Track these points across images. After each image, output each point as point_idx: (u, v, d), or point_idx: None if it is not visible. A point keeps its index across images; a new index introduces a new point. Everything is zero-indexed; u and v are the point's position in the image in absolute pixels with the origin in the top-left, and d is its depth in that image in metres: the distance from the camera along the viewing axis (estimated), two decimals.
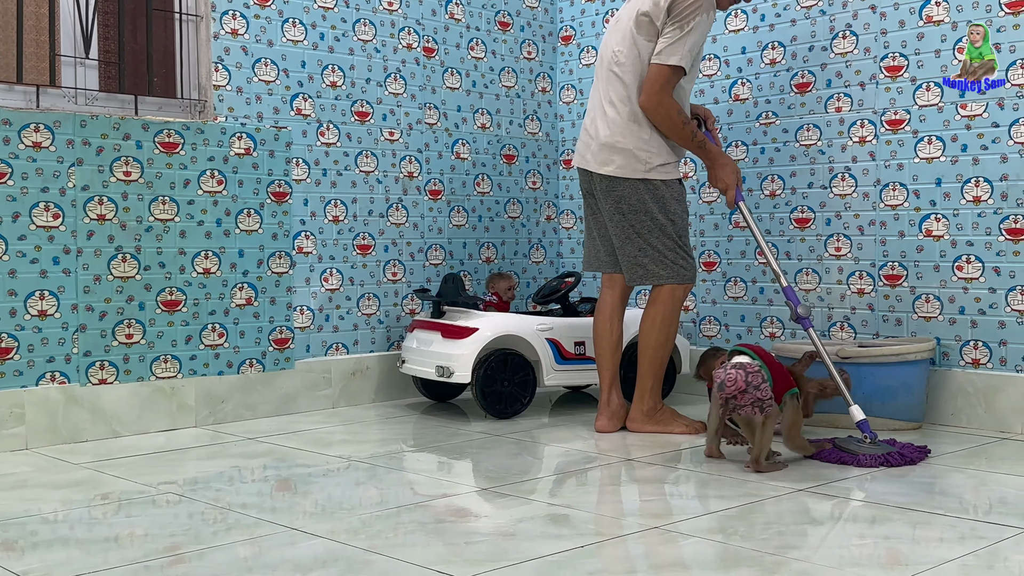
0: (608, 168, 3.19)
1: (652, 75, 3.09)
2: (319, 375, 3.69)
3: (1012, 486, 2.53)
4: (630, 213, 3.18)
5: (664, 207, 3.18)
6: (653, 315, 3.19)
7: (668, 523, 2.21)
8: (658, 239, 3.17)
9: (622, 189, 3.18)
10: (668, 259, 3.17)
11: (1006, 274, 3.17)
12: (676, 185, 3.22)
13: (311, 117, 3.70)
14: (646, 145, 3.16)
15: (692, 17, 3.06)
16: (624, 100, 3.17)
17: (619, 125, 3.17)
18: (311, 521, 2.29)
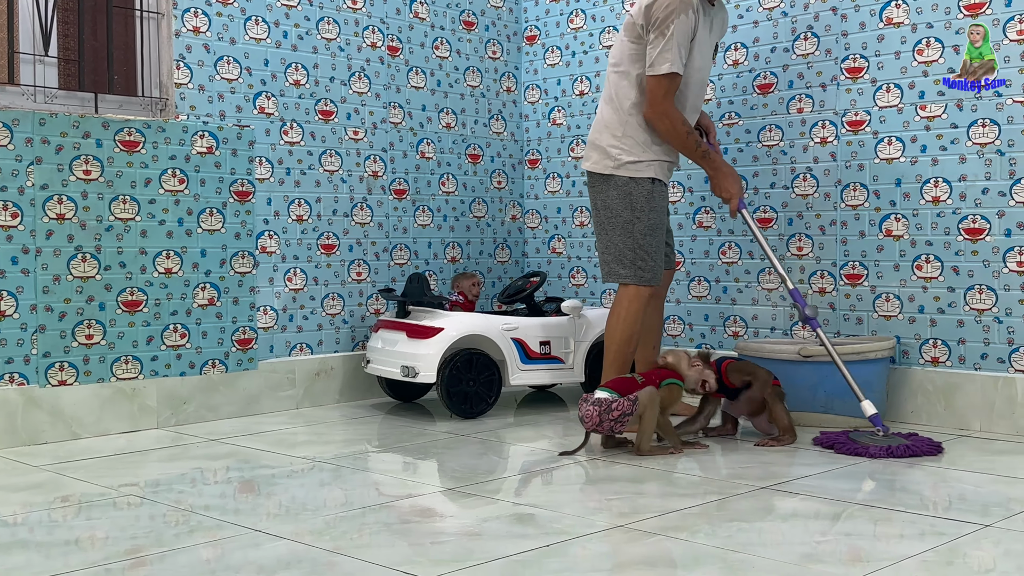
0: (587, 164, 3.29)
1: (650, 88, 3.13)
2: (283, 375, 3.66)
3: (971, 483, 2.57)
4: (601, 208, 3.24)
5: (630, 204, 3.19)
6: (616, 313, 3.22)
7: (633, 522, 2.22)
8: (620, 237, 3.19)
9: (595, 184, 3.26)
10: (628, 259, 3.19)
11: (964, 273, 3.21)
12: (647, 184, 3.21)
13: (274, 116, 3.68)
14: (618, 142, 3.20)
15: (669, 22, 3.08)
16: (608, 99, 3.26)
17: (599, 123, 3.28)
18: (275, 522, 2.27)
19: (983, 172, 3.16)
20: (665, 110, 3.10)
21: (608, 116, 3.24)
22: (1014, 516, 2.23)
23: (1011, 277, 3.11)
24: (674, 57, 3.08)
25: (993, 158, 3.14)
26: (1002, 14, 3.11)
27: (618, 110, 3.21)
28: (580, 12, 4.24)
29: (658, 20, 3.09)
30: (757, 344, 3.36)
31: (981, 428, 3.04)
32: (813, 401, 3.20)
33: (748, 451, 2.93)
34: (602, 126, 3.25)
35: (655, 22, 3.10)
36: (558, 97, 4.33)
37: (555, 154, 4.35)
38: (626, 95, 3.20)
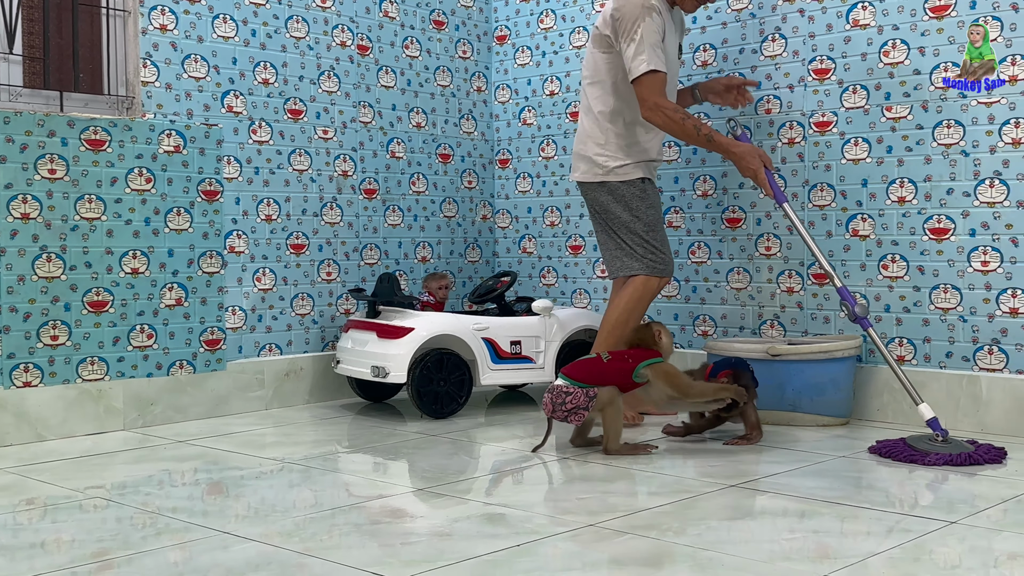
0: (576, 175, 3.43)
1: (638, 92, 3.21)
2: (252, 376, 3.64)
3: (937, 480, 2.60)
4: (600, 213, 3.38)
5: (627, 206, 3.32)
6: (620, 299, 3.33)
7: (603, 521, 2.23)
8: (627, 235, 3.32)
9: (590, 193, 3.39)
10: (638, 253, 3.31)
11: (930, 273, 3.25)
12: (638, 184, 3.34)
13: (243, 115, 3.65)
14: (602, 150, 3.33)
15: (635, 27, 3.18)
16: (587, 111, 3.39)
17: (582, 135, 3.40)
18: (243, 524, 2.26)
19: (948, 173, 3.20)
20: (656, 103, 3.18)
21: (588, 126, 3.37)
22: (979, 513, 2.26)
23: (975, 276, 3.15)
24: (649, 56, 3.16)
25: (958, 159, 3.18)
26: (967, 16, 3.15)
27: (596, 120, 3.34)
28: (550, 12, 4.24)
29: (625, 28, 3.20)
30: (725, 343, 3.38)
31: (947, 426, 3.07)
32: (781, 400, 3.22)
33: (717, 450, 2.94)
34: (584, 137, 3.38)
35: (623, 31, 3.21)
36: (528, 97, 4.33)
37: (526, 154, 4.35)
38: (603, 104, 3.33)
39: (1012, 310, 3.09)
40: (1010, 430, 3.06)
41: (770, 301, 3.60)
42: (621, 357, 2.92)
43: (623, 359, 2.91)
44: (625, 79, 3.26)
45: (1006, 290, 3.10)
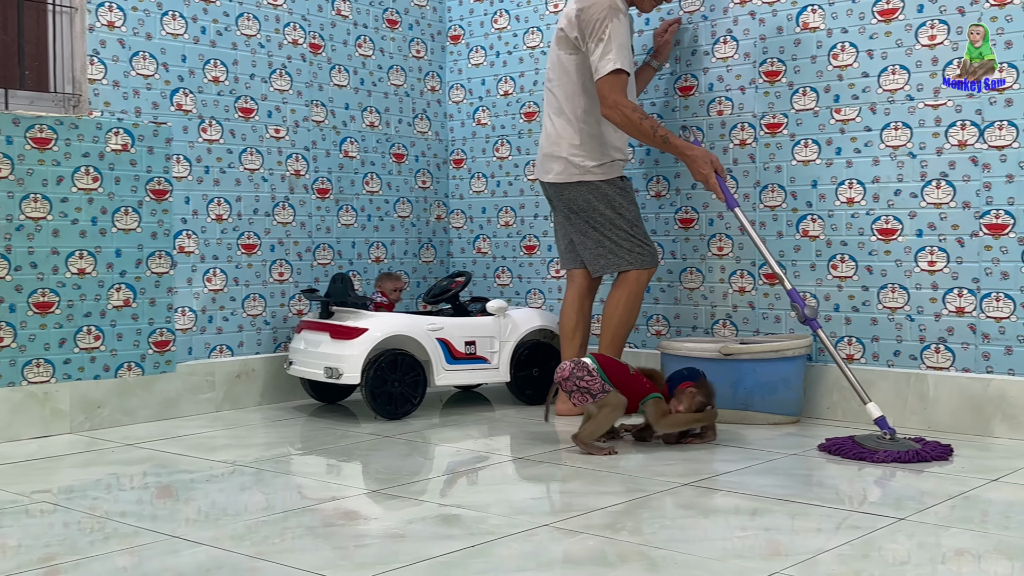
0: (550, 176, 3.46)
1: (600, 89, 3.26)
2: (202, 378, 3.60)
3: (885, 477, 2.64)
4: (581, 212, 3.41)
5: (609, 203, 3.39)
6: (617, 297, 3.39)
7: (558, 520, 2.23)
8: (611, 231, 3.38)
9: (568, 193, 3.42)
10: (625, 248, 3.38)
11: (878, 273, 3.30)
12: (617, 181, 3.43)
13: (192, 113, 3.61)
14: (578, 150, 3.38)
15: (603, 27, 3.23)
16: (557, 112, 3.42)
17: (553, 136, 3.43)
18: (194, 528, 2.23)
19: (895, 174, 3.25)
20: (615, 101, 3.23)
21: (562, 127, 3.41)
22: (927, 509, 2.29)
23: (922, 276, 3.21)
24: (616, 56, 3.22)
25: (905, 160, 3.23)
26: (914, 19, 3.20)
27: (570, 120, 3.39)
28: (504, 12, 4.24)
29: (593, 28, 3.25)
30: (678, 343, 3.40)
31: (894, 423, 3.11)
32: (733, 399, 3.25)
33: (671, 449, 2.96)
34: (556, 137, 3.42)
35: (591, 31, 3.26)
36: (483, 97, 4.33)
37: (480, 154, 4.35)
38: (574, 104, 3.39)
39: (958, 309, 3.14)
40: (956, 427, 3.12)
41: (722, 301, 3.63)
42: (642, 379, 2.95)
43: (643, 382, 2.95)
44: (592, 79, 3.29)
45: (952, 290, 3.15)
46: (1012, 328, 3.04)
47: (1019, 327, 3.03)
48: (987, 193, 3.08)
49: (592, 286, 3.55)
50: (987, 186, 3.08)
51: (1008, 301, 3.05)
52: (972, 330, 3.12)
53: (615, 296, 3.40)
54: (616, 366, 2.95)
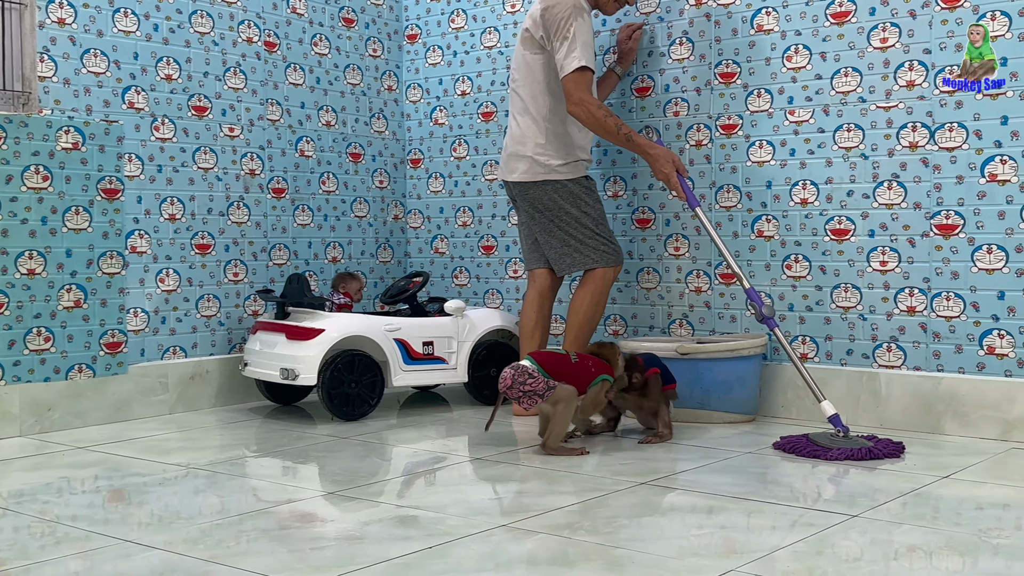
0: (515, 175, 3.46)
1: (565, 87, 3.28)
2: (155, 380, 3.55)
3: (838, 474, 2.67)
4: (546, 211, 3.42)
5: (575, 201, 3.40)
6: (582, 294, 3.40)
7: (516, 521, 2.23)
8: (576, 230, 3.40)
9: (533, 192, 3.43)
10: (591, 246, 3.39)
11: (831, 272, 3.34)
12: (582, 180, 3.45)
13: (144, 111, 3.56)
14: (543, 149, 3.40)
15: (568, 26, 3.26)
16: (522, 111, 3.44)
17: (518, 135, 3.45)
18: (147, 532, 2.20)
19: (848, 175, 3.29)
20: (581, 98, 3.25)
21: (527, 126, 3.42)
22: (879, 506, 2.32)
23: (874, 276, 3.25)
24: (580, 54, 3.24)
25: (857, 161, 3.28)
26: (866, 22, 3.25)
27: (536, 119, 3.41)
28: (461, 12, 4.24)
29: (558, 27, 3.27)
30: (636, 342, 3.42)
31: (848, 421, 3.16)
32: (690, 397, 3.27)
33: (629, 448, 2.98)
34: (521, 137, 3.43)
35: (555, 30, 3.28)
36: (440, 97, 4.32)
37: (438, 154, 4.33)
38: (540, 104, 3.40)
39: (909, 308, 3.19)
40: (908, 425, 3.16)
41: (679, 301, 3.65)
42: (586, 363, 2.95)
43: (587, 366, 2.94)
44: (558, 78, 3.31)
45: (903, 289, 3.20)
46: (962, 327, 3.10)
47: (969, 326, 3.08)
48: (938, 194, 3.13)
49: (553, 286, 3.56)
50: (937, 187, 3.13)
51: (958, 300, 3.10)
52: (923, 329, 3.17)
53: (580, 294, 3.41)
54: (556, 359, 2.93)
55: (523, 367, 2.87)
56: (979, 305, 3.07)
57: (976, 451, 2.87)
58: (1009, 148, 3.01)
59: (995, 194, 3.03)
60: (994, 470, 2.67)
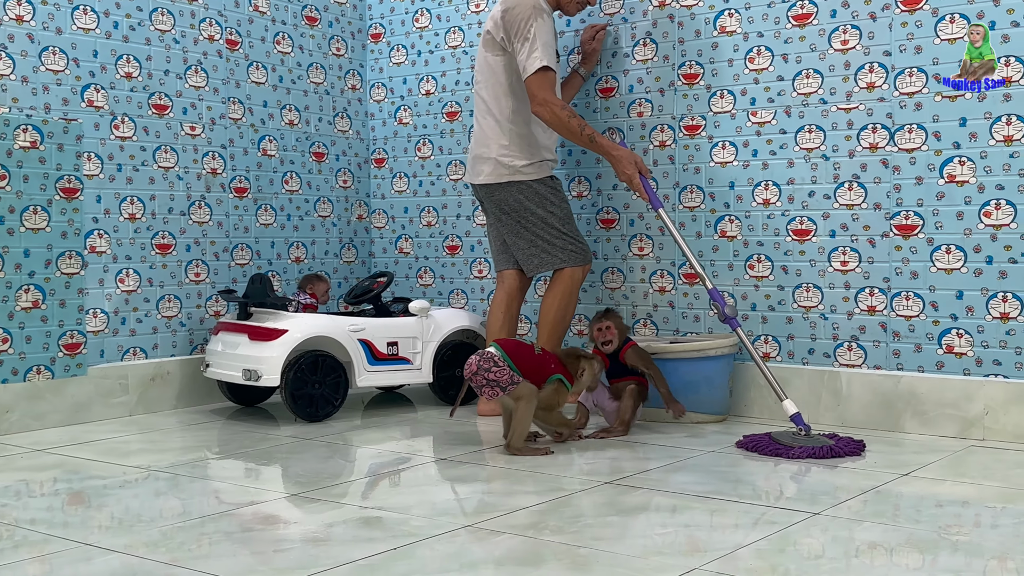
0: (480, 177, 3.45)
1: (529, 88, 3.28)
2: (115, 381, 3.51)
3: (800, 472, 2.69)
4: (512, 213, 3.42)
5: (541, 202, 3.40)
6: (553, 294, 3.40)
7: (480, 521, 2.23)
8: (543, 230, 3.39)
9: (499, 194, 3.43)
10: (558, 246, 3.39)
11: (793, 272, 3.37)
12: (548, 181, 3.45)
13: (104, 109, 3.52)
14: (507, 151, 3.40)
15: (528, 27, 3.26)
16: (485, 113, 3.44)
17: (482, 137, 3.44)
18: (107, 535, 2.17)
19: (809, 176, 3.32)
20: (545, 99, 3.26)
21: (490, 128, 3.42)
22: (840, 504, 2.35)
23: (835, 276, 3.28)
24: (542, 54, 3.25)
25: (819, 162, 3.31)
26: (827, 24, 3.28)
27: (499, 121, 3.40)
28: (425, 11, 4.22)
29: (518, 28, 3.27)
30: None
31: (809, 419, 3.19)
32: (657, 396, 3.28)
33: (594, 448, 2.98)
34: (485, 139, 3.43)
35: (516, 31, 3.28)
36: (404, 96, 4.30)
37: (402, 153, 4.32)
38: (502, 105, 3.40)
39: (870, 308, 3.23)
40: (868, 423, 3.20)
41: (643, 300, 3.67)
42: (548, 359, 2.95)
43: (548, 362, 2.94)
44: (520, 79, 3.32)
45: (864, 289, 3.24)
46: (921, 326, 3.14)
47: (928, 325, 3.12)
48: (897, 195, 3.17)
49: (522, 288, 3.56)
50: (897, 188, 3.17)
51: (917, 300, 3.14)
52: (883, 328, 3.20)
53: (551, 294, 3.41)
54: (520, 348, 2.93)
55: (489, 354, 2.86)
56: (938, 304, 3.11)
57: (935, 449, 2.91)
58: (967, 149, 3.05)
59: (954, 195, 3.08)
60: (953, 468, 2.71)
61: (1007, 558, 1.97)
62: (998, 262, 3.01)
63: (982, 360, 3.04)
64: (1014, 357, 2.99)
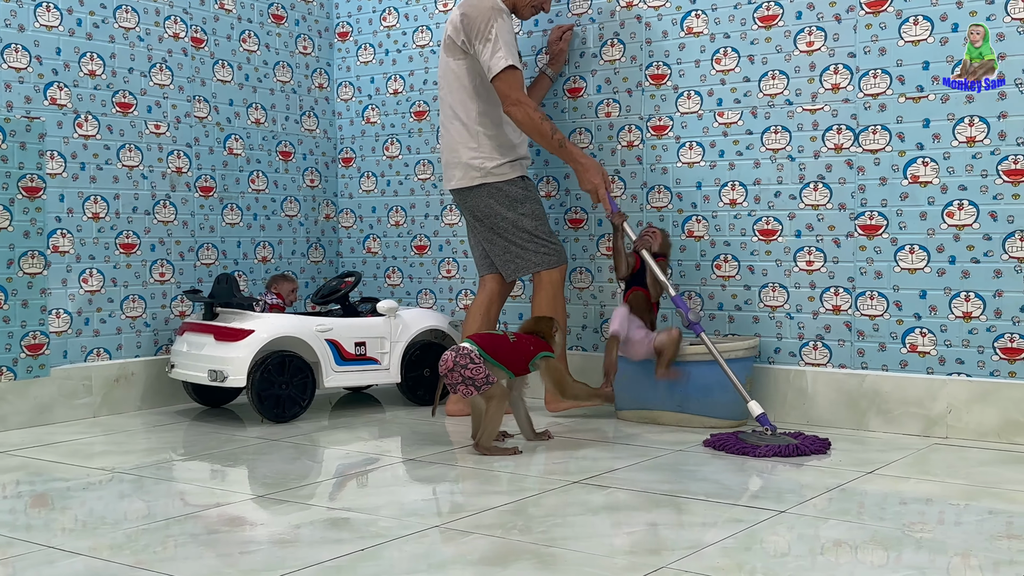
0: (453, 183, 3.43)
1: (498, 89, 3.26)
2: (78, 382, 3.46)
3: (766, 471, 2.71)
4: (484, 218, 3.39)
5: (512, 205, 3.37)
6: (537, 303, 3.38)
7: (449, 521, 2.22)
8: (514, 235, 3.37)
9: (471, 199, 3.40)
10: (531, 249, 3.36)
11: (759, 272, 3.39)
12: (519, 182, 3.42)
13: (67, 107, 3.47)
14: (476, 153, 3.37)
15: (489, 28, 3.24)
16: (451, 118, 3.41)
17: (451, 142, 3.42)
18: (71, 538, 2.14)
19: (775, 176, 3.35)
20: (518, 99, 3.24)
21: (458, 132, 3.39)
22: (806, 502, 2.37)
23: (801, 276, 3.31)
24: (506, 53, 3.23)
25: (784, 163, 3.33)
26: (793, 26, 3.30)
27: (466, 124, 3.38)
28: (393, 10, 4.21)
29: (479, 30, 3.26)
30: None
31: (775, 419, 3.21)
32: (668, 400, 3.23)
33: (563, 447, 2.99)
34: (454, 144, 3.40)
35: (476, 33, 3.26)
36: (372, 95, 4.28)
37: (370, 152, 4.30)
38: (468, 109, 3.38)
39: (834, 307, 3.26)
40: (834, 422, 3.23)
41: (611, 300, 3.68)
42: (525, 343, 2.94)
43: (526, 345, 2.93)
44: (484, 81, 3.31)
45: (829, 288, 3.27)
46: (885, 325, 3.17)
47: (892, 324, 3.16)
48: (862, 195, 3.20)
49: (503, 292, 3.54)
50: (862, 188, 3.20)
51: (882, 299, 3.18)
52: (848, 328, 3.23)
53: (537, 303, 3.39)
54: (495, 340, 2.92)
55: (465, 350, 2.85)
56: (902, 304, 3.14)
57: (899, 447, 2.94)
58: (931, 150, 3.09)
59: (917, 195, 3.11)
60: (917, 465, 2.74)
61: (970, 555, 2.00)
62: (961, 262, 3.05)
63: (945, 359, 3.07)
64: (976, 356, 3.03)
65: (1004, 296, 2.99)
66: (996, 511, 2.30)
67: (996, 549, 2.02)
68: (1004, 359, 2.99)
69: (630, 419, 3.30)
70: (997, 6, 2.97)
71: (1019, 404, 2.95)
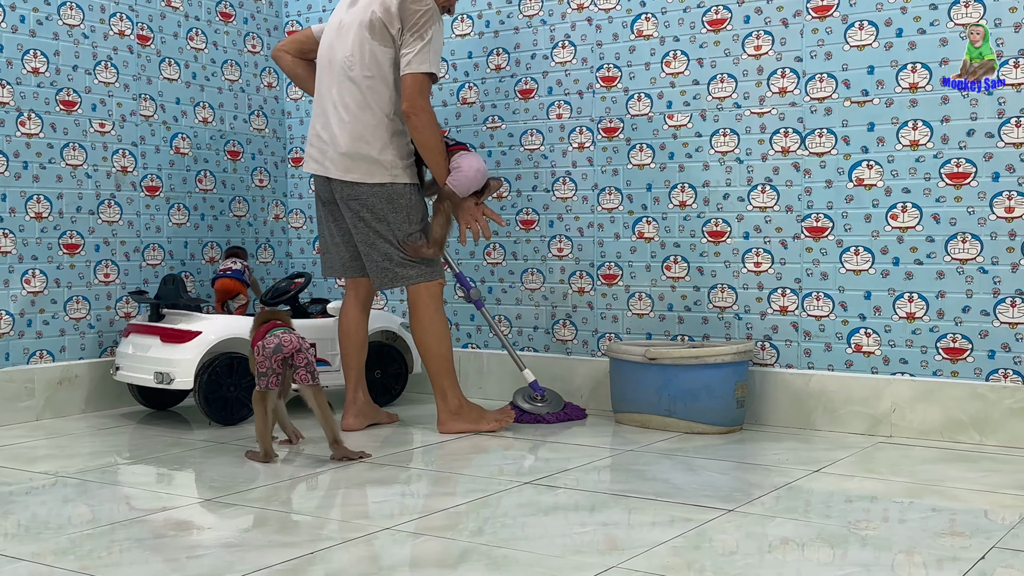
0: (352, 175, 3.15)
1: (408, 84, 3.08)
2: (20, 385, 3.40)
3: (715, 470, 2.74)
4: (373, 220, 3.16)
5: (407, 211, 3.18)
6: (419, 318, 3.20)
7: (399, 523, 2.22)
8: (397, 244, 3.17)
9: (365, 196, 3.15)
10: (412, 262, 3.17)
11: (708, 273, 3.42)
12: (414, 189, 3.22)
13: (9, 105, 3.40)
14: (387, 149, 3.15)
15: (428, 26, 3.09)
16: (363, 107, 3.14)
17: (358, 132, 3.14)
18: (13, 543, 2.10)
19: (724, 179, 3.38)
20: (424, 105, 3.10)
21: (368, 123, 3.14)
22: (754, 501, 2.39)
23: (749, 277, 3.35)
24: (434, 59, 3.11)
25: (733, 165, 3.37)
26: (741, 30, 3.34)
27: (380, 118, 3.15)
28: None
29: (416, 22, 3.09)
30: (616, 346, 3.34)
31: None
32: (657, 404, 3.19)
33: (515, 447, 2.99)
34: (362, 135, 3.14)
35: (413, 24, 3.09)
36: None
37: None
38: (386, 101, 3.16)
39: (782, 308, 3.30)
40: (781, 421, 3.27)
41: (562, 301, 3.69)
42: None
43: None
44: None
45: (776, 290, 3.31)
46: (831, 326, 3.22)
47: (838, 325, 3.21)
48: (808, 198, 3.25)
49: (370, 298, 3.38)
50: (808, 191, 3.25)
51: (828, 300, 3.22)
52: (795, 328, 3.28)
53: (416, 319, 3.20)
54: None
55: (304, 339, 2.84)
56: (847, 305, 3.19)
57: (845, 445, 2.99)
58: (875, 154, 3.14)
59: (862, 198, 3.16)
60: (862, 464, 2.78)
61: (914, 552, 2.03)
62: (904, 263, 3.10)
63: (889, 359, 3.13)
64: (920, 356, 3.08)
65: (947, 297, 3.05)
66: (939, 508, 2.35)
67: (939, 546, 2.06)
68: (947, 359, 3.05)
69: (626, 422, 3.30)
70: (940, 11, 3.03)
71: (961, 403, 3.02)
